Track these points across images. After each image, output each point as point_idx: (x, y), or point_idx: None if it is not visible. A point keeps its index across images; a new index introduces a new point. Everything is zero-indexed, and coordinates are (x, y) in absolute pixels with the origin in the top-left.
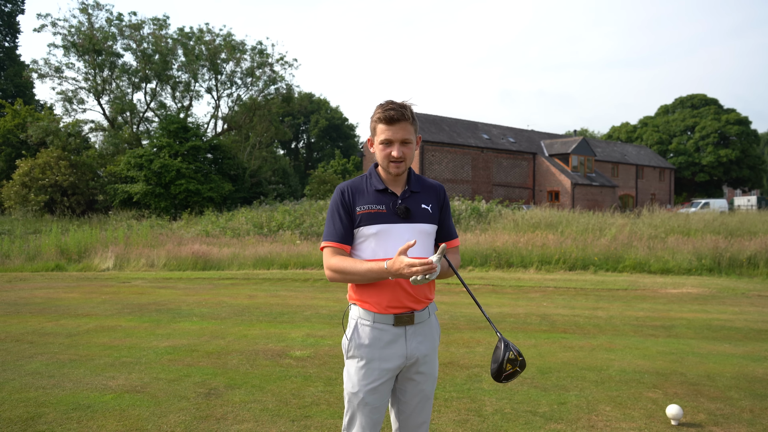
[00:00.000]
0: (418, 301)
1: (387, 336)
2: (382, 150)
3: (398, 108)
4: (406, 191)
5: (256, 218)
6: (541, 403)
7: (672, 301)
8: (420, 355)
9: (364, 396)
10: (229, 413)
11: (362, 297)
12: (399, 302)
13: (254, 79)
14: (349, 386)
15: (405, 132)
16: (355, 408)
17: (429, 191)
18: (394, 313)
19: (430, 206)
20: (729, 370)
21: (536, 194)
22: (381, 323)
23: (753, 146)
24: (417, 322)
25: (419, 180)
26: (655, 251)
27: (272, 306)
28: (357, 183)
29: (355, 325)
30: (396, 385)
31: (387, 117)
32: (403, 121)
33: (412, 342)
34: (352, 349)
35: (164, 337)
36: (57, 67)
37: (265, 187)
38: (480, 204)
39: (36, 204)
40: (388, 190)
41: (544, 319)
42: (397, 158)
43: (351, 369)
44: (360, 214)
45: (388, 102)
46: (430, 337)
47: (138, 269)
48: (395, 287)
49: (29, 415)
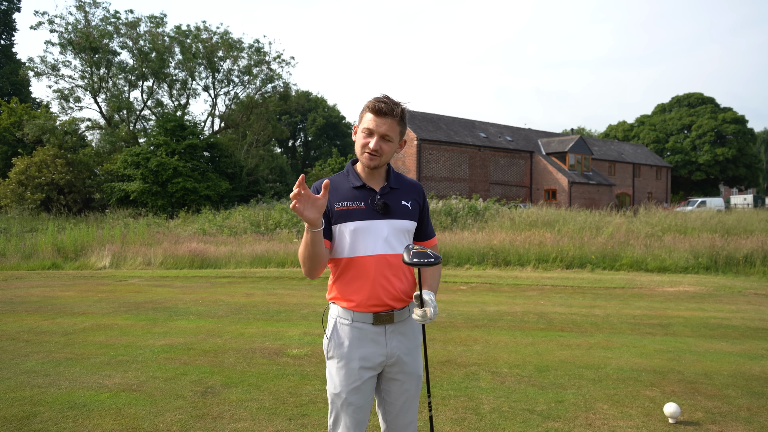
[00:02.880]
0: (398, 299)
1: (366, 335)
2: (362, 139)
3: (390, 103)
4: (385, 187)
5: (253, 216)
6: (539, 401)
7: (669, 299)
8: (400, 353)
9: (347, 396)
10: (226, 412)
11: (341, 295)
12: (378, 300)
13: (251, 77)
14: (331, 387)
15: (388, 128)
16: (339, 408)
17: (408, 188)
18: (374, 311)
19: (410, 203)
20: (726, 368)
21: (533, 193)
22: (360, 322)
23: (749, 145)
24: (397, 321)
25: (398, 177)
26: (652, 249)
27: (269, 304)
28: (334, 179)
29: (335, 324)
30: (380, 386)
31: (376, 108)
32: (390, 116)
33: (392, 341)
34: (332, 349)
35: (161, 336)
36: (53, 65)
37: (263, 185)
38: (477, 202)
39: (32, 202)
40: (366, 186)
41: (542, 318)
42: (372, 150)
43: (332, 369)
44: (337, 210)
45: (383, 95)
46: (411, 336)
47: (135, 267)
48: (374, 285)
49: (24, 414)
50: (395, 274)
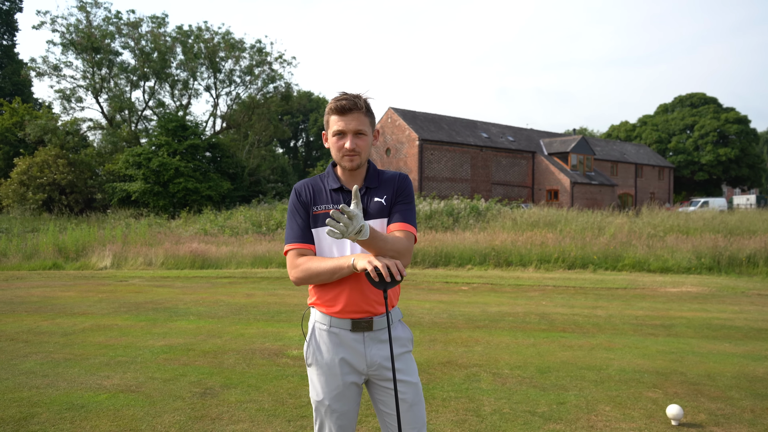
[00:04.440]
0: (378, 302)
1: (344, 341)
2: (336, 143)
3: (351, 98)
4: (362, 188)
5: (255, 217)
6: (540, 402)
7: (671, 300)
8: (381, 361)
9: (330, 403)
10: (225, 413)
11: (320, 300)
12: (357, 306)
13: (253, 77)
14: (314, 395)
15: (358, 122)
16: (323, 416)
17: (386, 184)
18: (352, 317)
19: (384, 198)
20: (729, 369)
21: (535, 193)
22: (338, 327)
23: (752, 145)
24: (377, 329)
25: (379, 174)
26: (655, 250)
27: (270, 305)
28: (314, 182)
29: (313, 329)
30: (374, 397)
31: (339, 107)
32: (355, 110)
33: (371, 348)
34: (310, 355)
35: (160, 336)
36: (55, 65)
37: (264, 185)
38: (479, 203)
39: (34, 202)
40: (343, 188)
41: (543, 318)
42: (350, 150)
43: (313, 377)
44: (316, 214)
45: (341, 93)
46: (396, 344)
47: (135, 268)
48: (353, 291)
49: (22, 415)
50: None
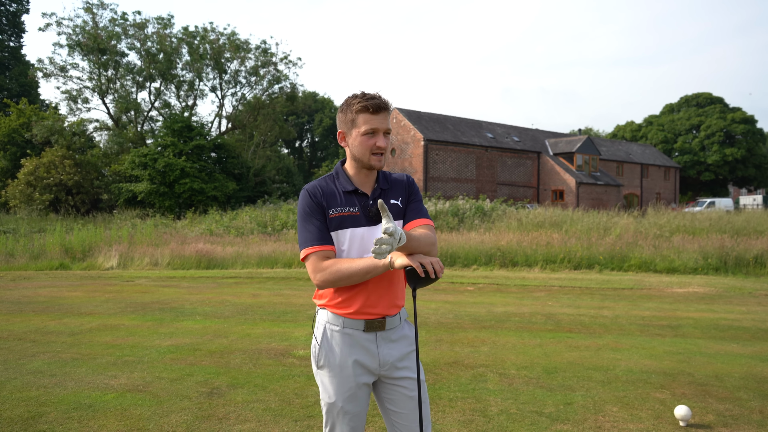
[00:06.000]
0: (393, 305)
1: (357, 341)
2: (366, 141)
3: (380, 97)
4: (376, 190)
5: (260, 217)
6: (547, 403)
7: (678, 300)
8: (393, 361)
9: (342, 405)
10: (232, 413)
11: (335, 302)
12: (371, 307)
13: (258, 78)
14: (325, 396)
15: (387, 122)
16: (335, 418)
17: (397, 185)
18: (365, 318)
19: (400, 200)
20: (737, 370)
21: (540, 193)
22: (350, 328)
23: (759, 145)
24: (388, 328)
25: (386, 176)
26: (661, 250)
27: (276, 305)
28: (324, 184)
29: (324, 330)
30: (382, 396)
31: (372, 105)
32: (385, 110)
33: (383, 348)
34: (322, 357)
35: (167, 336)
36: (62, 67)
37: (269, 186)
38: (484, 203)
39: (41, 203)
40: (358, 191)
41: (549, 319)
42: (382, 149)
43: (324, 379)
44: (332, 217)
45: (367, 93)
46: (404, 343)
47: (142, 268)
48: (371, 293)
49: (30, 414)
50: (391, 281)
